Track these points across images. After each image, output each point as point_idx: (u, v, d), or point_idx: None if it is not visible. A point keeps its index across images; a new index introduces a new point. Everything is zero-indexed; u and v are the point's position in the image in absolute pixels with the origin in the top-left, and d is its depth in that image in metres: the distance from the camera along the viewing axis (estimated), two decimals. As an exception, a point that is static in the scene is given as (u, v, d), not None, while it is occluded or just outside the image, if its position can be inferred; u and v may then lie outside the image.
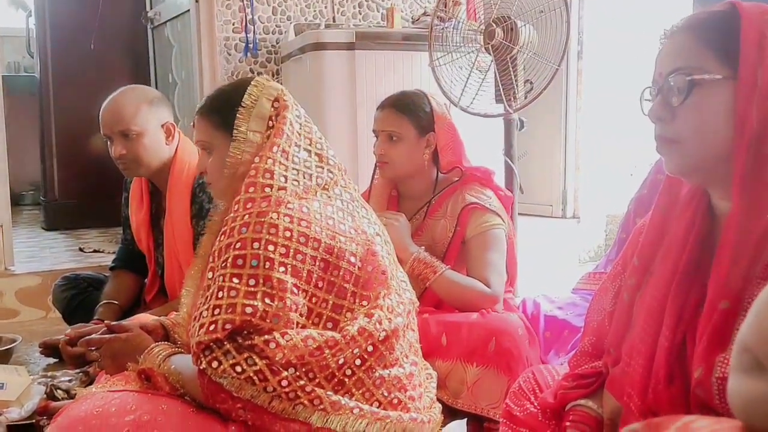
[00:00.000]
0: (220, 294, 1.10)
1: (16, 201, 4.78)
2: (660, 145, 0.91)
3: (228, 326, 1.08)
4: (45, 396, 1.65)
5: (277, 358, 1.08)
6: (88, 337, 1.43)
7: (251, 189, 1.18)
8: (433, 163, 1.85)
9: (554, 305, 1.91)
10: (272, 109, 1.25)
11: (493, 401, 1.48)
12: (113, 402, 1.10)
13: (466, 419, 1.56)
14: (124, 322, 1.47)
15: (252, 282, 1.10)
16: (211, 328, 1.08)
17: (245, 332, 1.09)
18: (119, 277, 2.22)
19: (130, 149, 1.97)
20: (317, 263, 1.15)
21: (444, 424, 1.36)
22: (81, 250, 3.45)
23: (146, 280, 2.21)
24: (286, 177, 1.19)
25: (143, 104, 1.98)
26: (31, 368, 2.01)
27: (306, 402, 1.09)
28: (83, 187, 4.12)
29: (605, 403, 0.98)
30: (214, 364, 1.07)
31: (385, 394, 1.17)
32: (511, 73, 2.43)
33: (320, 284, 1.16)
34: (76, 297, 2.26)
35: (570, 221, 3.77)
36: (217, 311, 1.09)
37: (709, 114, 0.85)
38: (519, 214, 2.53)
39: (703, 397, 0.82)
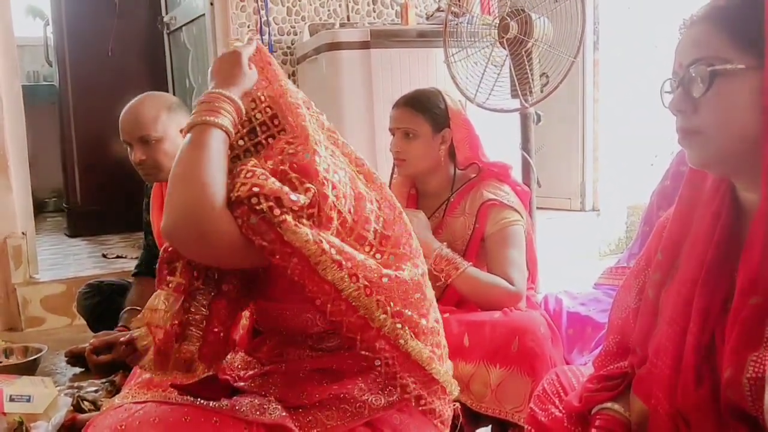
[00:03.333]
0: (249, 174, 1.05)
1: (39, 209, 4.85)
2: (682, 137, 0.89)
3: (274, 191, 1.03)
4: (72, 408, 1.66)
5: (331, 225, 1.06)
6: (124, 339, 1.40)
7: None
8: (450, 159, 1.85)
9: (576, 301, 1.88)
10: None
11: (517, 404, 1.46)
12: (137, 415, 1.10)
13: (490, 426, 1.54)
14: None
15: (297, 182, 1.06)
16: (243, 189, 1.02)
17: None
18: (142, 283, 2.24)
19: (150, 155, 1.98)
20: (349, 189, 1.13)
21: (468, 432, 1.34)
22: (104, 256, 3.49)
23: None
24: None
25: (162, 110, 1.99)
26: (57, 378, 2.03)
27: (346, 269, 1.05)
28: (105, 193, 4.16)
29: (632, 406, 0.96)
30: (276, 211, 1.01)
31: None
32: (527, 66, 2.41)
33: (350, 210, 1.13)
34: (101, 304, 2.29)
35: (590, 214, 3.73)
36: (258, 176, 1.04)
37: (733, 104, 0.83)
38: (537, 208, 2.51)
39: (734, 398, 0.80)
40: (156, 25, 4.22)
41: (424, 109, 1.80)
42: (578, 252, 3.46)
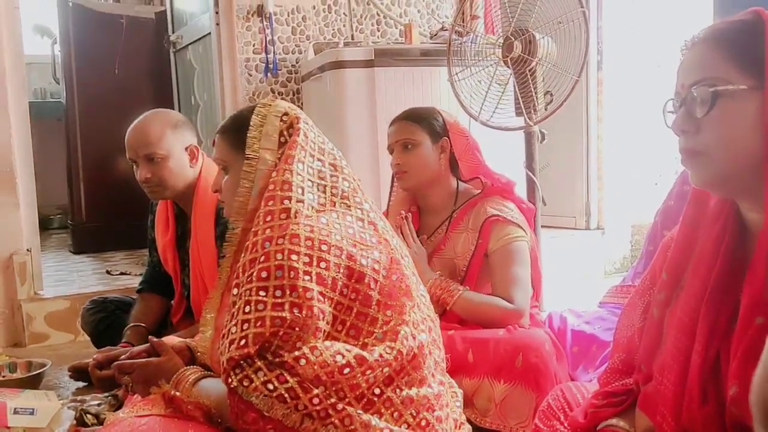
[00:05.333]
0: (248, 309, 1.10)
1: (44, 225, 4.87)
2: (685, 158, 0.90)
3: (258, 340, 1.07)
4: (75, 422, 1.66)
5: (308, 375, 1.07)
6: (119, 362, 1.44)
7: (270, 203, 1.18)
8: (452, 173, 1.86)
9: (581, 319, 1.88)
10: (282, 123, 1.26)
11: (521, 419, 1.46)
12: (140, 428, 1.11)
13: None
14: (163, 340, 1.47)
15: (278, 293, 1.10)
16: (242, 343, 1.08)
17: (274, 348, 1.08)
18: (146, 299, 2.25)
19: (155, 173, 1.99)
20: (341, 270, 1.15)
21: (472, 444, 1.34)
22: (108, 272, 3.49)
23: (173, 302, 2.22)
24: (303, 189, 1.20)
25: (167, 128, 2.01)
26: (60, 392, 2.03)
27: (337, 422, 1.08)
28: (110, 210, 4.18)
29: (637, 423, 0.96)
30: (245, 382, 1.07)
31: (414, 414, 1.16)
32: (531, 85, 2.42)
33: (345, 291, 1.15)
34: (104, 320, 2.29)
35: (594, 233, 3.73)
36: (246, 326, 1.09)
37: (735, 125, 0.84)
38: (542, 226, 2.51)
39: (739, 415, 0.80)
40: (162, 44, 4.26)
41: (420, 119, 1.84)
42: (583, 270, 3.45)
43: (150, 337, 1.52)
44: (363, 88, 2.91)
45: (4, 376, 2.06)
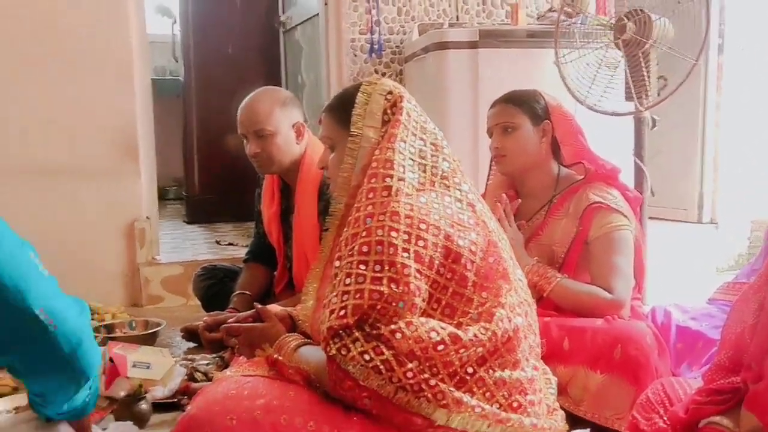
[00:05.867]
0: (348, 281, 1.14)
1: (162, 196, 5.20)
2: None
3: (357, 312, 1.11)
4: (186, 377, 1.79)
5: (403, 349, 1.10)
6: (227, 325, 1.53)
7: (373, 180, 1.21)
8: (554, 158, 1.82)
9: (687, 315, 1.80)
10: (386, 102, 1.28)
11: (618, 411, 1.43)
12: (246, 386, 1.18)
13: (588, 430, 1.51)
14: (267, 307, 1.56)
15: (378, 267, 1.13)
16: (341, 313, 1.12)
17: (372, 321, 1.11)
18: (252, 269, 2.37)
19: (264, 148, 2.08)
20: (438, 249, 1.16)
21: (566, 432, 1.32)
22: (217, 242, 3.70)
23: (276, 272, 2.33)
24: (404, 167, 1.22)
25: (276, 106, 2.09)
26: (173, 351, 2.19)
27: (430, 396, 1.10)
28: (221, 184, 4.41)
29: (743, 423, 0.91)
30: (343, 351, 1.10)
31: (506, 395, 1.16)
32: (643, 69, 2.31)
33: (441, 270, 1.16)
34: (214, 286, 2.44)
35: (707, 227, 3.52)
36: (345, 297, 1.13)
37: None
38: (649, 218, 2.41)
39: None
40: (273, 24, 4.41)
41: (521, 102, 1.80)
42: (693, 266, 3.28)
43: (255, 304, 1.61)
44: (466, 70, 2.88)
45: (124, 332, 2.25)
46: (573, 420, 1.49)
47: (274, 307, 1.67)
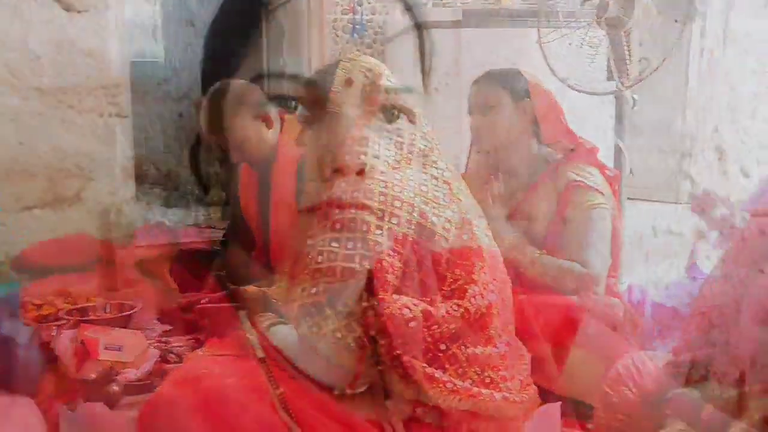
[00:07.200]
0: (320, 258, 1.13)
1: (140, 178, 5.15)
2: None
3: (329, 289, 1.10)
4: (159, 359, 1.77)
5: (375, 326, 1.09)
6: (200, 305, 1.52)
7: (347, 157, 1.20)
8: (534, 137, 1.81)
9: (666, 293, 1.81)
10: (365, 79, 1.26)
11: (590, 385, 1.43)
12: (216, 365, 1.18)
13: (559, 403, 1.51)
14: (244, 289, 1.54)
15: (350, 245, 1.12)
16: (313, 291, 1.12)
17: (344, 298, 1.11)
18: (228, 250, 2.34)
19: (240, 153, 2.09)
20: (412, 226, 1.16)
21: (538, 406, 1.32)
22: (195, 225, 3.66)
23: (253, 253, 2.31)
24: (379, 144, 1.20)
25: (230, 111, 2.07)
26: (148, 333, 2.15)
27: (401, 371, 1.10)
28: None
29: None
30: (315, 328, 1.10)
31: (478, 371, 1.16)
32: (625, 48, 2.30)
33: (415, 247, 1.16)
34: (190, 268, 2.41)
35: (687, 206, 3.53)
36: (317, 275, 1.12)
37: None
38: (630, 198, 2.40)
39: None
40: (255, 6, 4.34)
41: (501, 80, 1.81)
42: (671, 244, 3.29)
43: (229, 284, 1.59)
44: (450, 50, 2.85)
45: (97, 316, 2.22)
46: (546, 394, 1.49)
47: (250, 288, 1.66)
